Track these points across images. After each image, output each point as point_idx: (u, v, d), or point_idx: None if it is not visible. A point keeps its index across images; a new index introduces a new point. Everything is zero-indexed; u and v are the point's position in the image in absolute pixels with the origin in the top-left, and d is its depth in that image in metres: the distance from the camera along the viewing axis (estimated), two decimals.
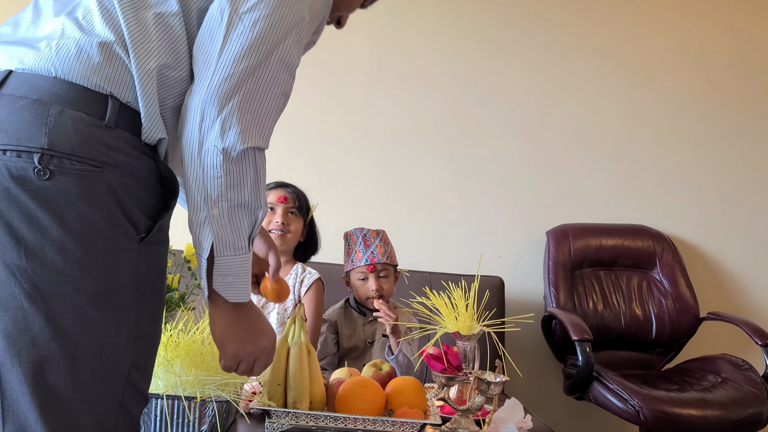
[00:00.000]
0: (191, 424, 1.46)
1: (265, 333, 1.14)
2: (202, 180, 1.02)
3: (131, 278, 1.00)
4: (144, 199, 1.02)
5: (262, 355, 1.14)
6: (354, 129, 3.06)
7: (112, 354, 0.98)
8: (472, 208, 3.09)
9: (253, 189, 1.04)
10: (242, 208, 1.04)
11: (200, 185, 1.02)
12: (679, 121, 3.21)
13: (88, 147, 0.96)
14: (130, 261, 1.00)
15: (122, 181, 0.99)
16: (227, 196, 1.02)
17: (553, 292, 2.91)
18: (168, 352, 1.46)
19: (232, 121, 1.00)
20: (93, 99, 0.99)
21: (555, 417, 2.97)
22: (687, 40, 3.22)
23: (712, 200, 3.22)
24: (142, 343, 1.02)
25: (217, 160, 1.00)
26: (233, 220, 1.04)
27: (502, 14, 3.13)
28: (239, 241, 1.04)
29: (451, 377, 1.79)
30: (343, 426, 1.56)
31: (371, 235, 2.29)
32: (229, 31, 1.01)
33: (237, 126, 1.00)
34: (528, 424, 1.70)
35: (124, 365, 1.00)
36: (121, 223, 0.98)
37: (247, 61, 1.01)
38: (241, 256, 1.05)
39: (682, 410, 2.43)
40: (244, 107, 1.01)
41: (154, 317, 1.05)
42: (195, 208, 1.04)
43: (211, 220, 1.02)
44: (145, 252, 1.01)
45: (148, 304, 1.03)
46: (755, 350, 2.72)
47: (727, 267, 3.22)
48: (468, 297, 1.84)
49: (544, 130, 3.14)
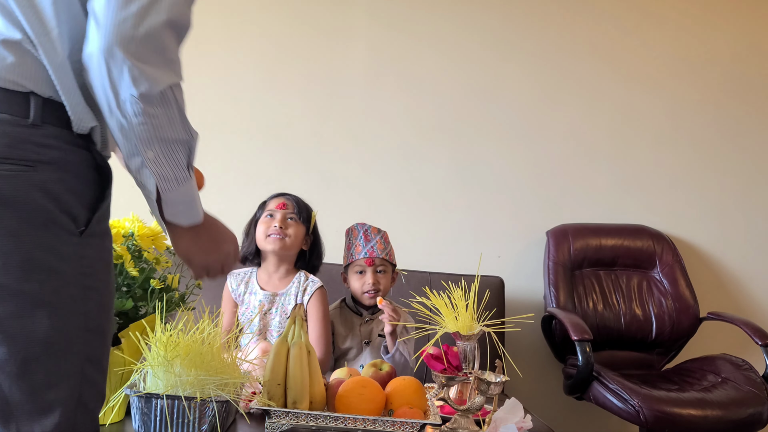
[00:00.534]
0: (191, 424, 1.46)
1: (225, 239, 1.20)
2: (129, 129, 1.00)
3: (76, 273, 0.99)
4: (82, 192, 1.01)
5: (227, 259, 1.20)
6: (354, 130, 3.06)
7: (65, 351, 0.98)
8: (472, 208, 3.09)
9: (180, 123, 1.04)
10: (175, 144, 1.04)
11: (129, 133, 1.01)
12: (678, 121, 3.21)
13: (17, 148, 0.95)
14: (73, 255, 0.99)
15: (57, 177, 0.98)
16: (158, 138, 1.02)
17: (553, 292, 2.91)
18: (168, 352, 1.46)
19: (141, 65, 0.96)
20: (14, 99, 0.97)
21: (555, 417, 2.97)
22: (687, 39, 3.22)
23: (712, 200, 3.22)
24: (93, 336, 1.02)
25: (137, 108, 0.98)
26: (170, 157, 1.05)
27: (501, 16, 3.13)
28: (180, 172, 1.06)
29: (451, 377, 1.79)
30: (343, 426, 1.56)
31: (372, 231, 2.31)
32: None
33: (147, 69, 0.97)
34: (528, 424, 1.70)
35: (78, 361, 1.00)
36: (59, 219, 0.97)
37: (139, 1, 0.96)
38: (184, 185, 1.08)
39: (682, 410, 2.43)
40: (148, 47, 0.97)
41: (104, 308, 1.05)
42: (129, 155, 1.04)
43: (148, 163, 1.03)
44: (87, 245, 1.01)
45: (97, 297, 1.03)
46: (755, 350, 2.72)
47: (727, 267, 3.22)
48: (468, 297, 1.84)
49: (544, 131, 3.14)
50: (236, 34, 3.00)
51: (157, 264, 1.77)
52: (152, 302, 1.71)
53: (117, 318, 1.66)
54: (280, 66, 3.00)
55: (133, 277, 1.69)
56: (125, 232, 1.74)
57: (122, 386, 1.55)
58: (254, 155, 2.99)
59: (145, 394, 1.47)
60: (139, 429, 1.48)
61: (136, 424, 1.49)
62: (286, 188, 2.64)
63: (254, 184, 2.95)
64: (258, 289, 2.29)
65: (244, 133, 2.99)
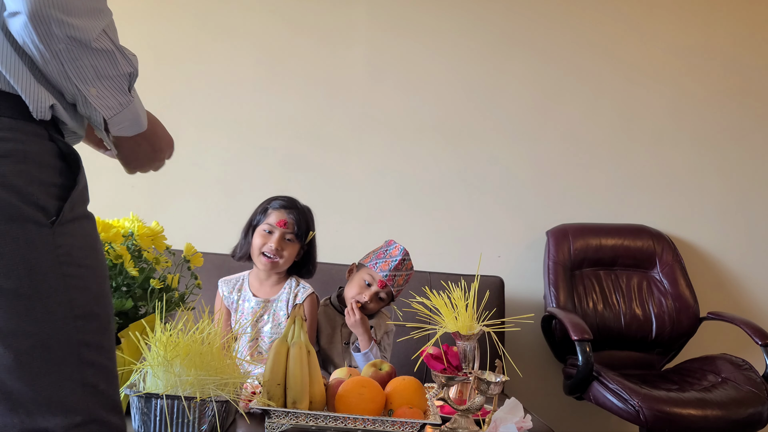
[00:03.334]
0: (191, 424, 1.46)
1: (164, 145, 1.22)
2: (66, 76, 0.98)
3: (52, 263, 0.98)
4: (47, 182, 0.99)
5: (162, 162, 1.24)
6: (354, 129, 3.06)
7: (56, 340, 0.98)
8: (472, 208, 3.09)
9: (120, 60, 1.02)
10: (117, 79, 1.03)
11: (67, 80, 0.99)
12: (679, 120, 3.21)
13: None
14: (46, 246, 0.98)
15: (17, 169, 0.95)
16: (99, 77, 1.01)
17: (553, 291, 2.91)
18: (168, 352, 1.46)
19: (66, 19, 0.93)
20: None
21: (555, 417, 2.97)
22: (687, 39, 3.21)
23: (712, 200, 3.22)
24: (85, 322, 1.01)
25: (72, 55, 0.97)
26: (111, 90, 1.04)
27: (501, 14, 3.13)
28: (123, 97, 1.05)
29: (451, 377, 1.79)
30: (342, 426, 1.56)
31: (407, 266, 2.30)
32: None
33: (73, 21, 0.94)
34: (528, 424, 1.69)
35: (71, 347, 1.00)
36: (26, 212, 0.96)
37: None
38: (128, 106, 1.07)
39: (682, 410, 2.43)
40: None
41: (93, 293, 1.04)
42: (71, 95, 1.02)
43: (91, 99, 1.02)
44: (61, 233, 0.99)
45: (80, 283, 1.02)
46: (755, 350, 2.72)
47: (727, 267, 3.22)
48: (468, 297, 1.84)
49: (544, 130, 3.14)
50: (237, 34, 3.00)
51: (157, 264, 1.77)
52: (152, 302, 1.71)
53: (117, 318, 1.66)
54: (281, 66, 3.00)
55: (133, 277, 1.69)
56: (125, 232, 1.74)
57: (122, 386, 1.55)
58: (255, 155, 2.99)
59: (145, 394, 1.47)
60: (139, 429, 1.48)
61: (135, 424, 1.49)
62: (286, 188, 2.64)
63: (255, 185, 2.95)
64: (251, 296, 2.30)
65: (245, 133, 2.99)
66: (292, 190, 2.45)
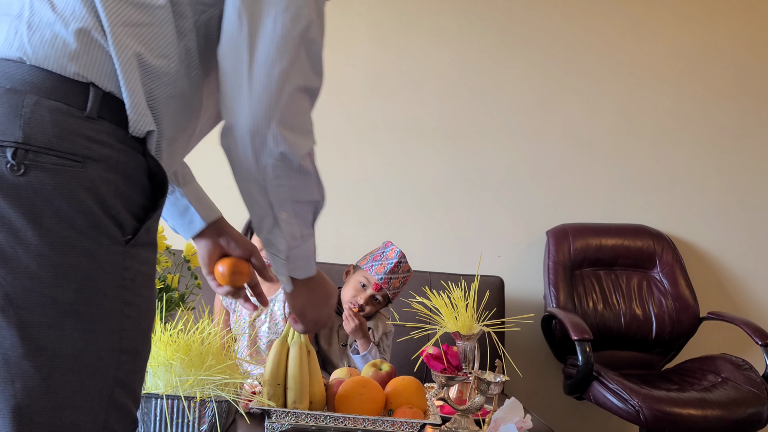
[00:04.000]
0: (191, 424, 1.46)
1: (332, 291, 1.24)
2: (264, 192, 1.02)
3: (115, 285, 0.91)
4: (131, 198, 0.93)
5: (332, 312, 1.27)
6: (354, 129, 3.05)
7: (93, 370, 0.89)
8: (472, 208, 3.09)
9: (315, 186, 1.06)
10: (306, 205, 1.07)
11: (264, 197, 1.03)
12: (679, 120, 3.21)
13: (68, 140, 0.87)
14: (114, 265, 0.90)
15: (106, 177, 0.89)
16: (292, 200, 1.04)
17: (553, 291, 2.91)
18: (168, 352, 1.46)
19: (284, 133, 0.97)
20: (72, 88, 0.89)
21: (555, 417, 2.97)
22: (687, 39, 3.21)
23: (712, 200, 3.22)
24: (128, 358, 0.93)
25: (277, 172, 1.00)
26: (300, 216, 1.07)
27: (501, 13, 3.12)
28: (306, 229, 1.09)
29: (451, 377, 1.79)
30: (343, 426, 1.56)
31: (403, 268, 2.29)
32: (252, 38, 0.96)
33: (289, 135, 0.98)
34: (528, 424, 1.69)
35: (106, 383, 0.91)
36: (103, 223, 0.89)
37: (279, 66, 0.96)
38: (308, 241, 1.10)
39: (682, 410, 2.43)
40: (289, 114, 0.98)
41: (142, 329, 0.96)
42: (261, 216, 1.05)
43: (280, 222, 1.05)
44: (130, 256, 0.93)
45: (134, 313, 0.94)
46: (755, 350, 2.72)
47: (727, 267, 3.22)
48: (468, 297, 1.84)
49: (544, 130, 3.14)
50: None
51: (157, 264, 1.77)
52: None
53: None
54: None
55: None
56: None
57: None
58: None
59: (145, 394, 1.47)
60: (139, 429, 1.48)
61: None
62: None
63: None
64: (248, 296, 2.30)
65: None
66: None
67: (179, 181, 1.23)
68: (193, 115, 1.04)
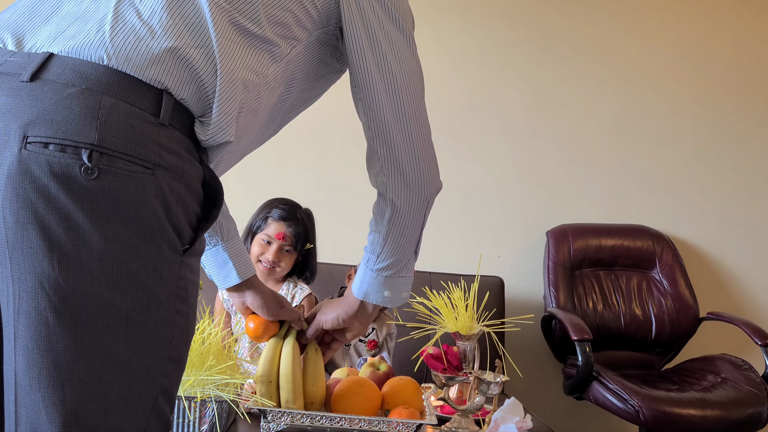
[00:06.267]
0: (191, 424, 1.46)
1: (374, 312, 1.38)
2: (418, 233, 1.23)
3: (170, 294, 0.90)
4: (190, 207, 0.92)
5: None
6: (354, 129, 3.05)
7: (141, 378, 0.89)
8: (472, 208, 3.09)
9: (422, 231, 1.28)
10: (414, 247, 1.29)
11: (415, 237, 1.24)
12: (678, 121, 3.21)
13: (141, 146, 0.86)
14: (172, 275, 0.90)
15: (172, 185, 0.89)
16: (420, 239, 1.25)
17: (553, 292, 2.91)
18: None
19: (436, 174, 1.20)
20: (147, 93, 0.89)
21: (555, 417, 2.97)
22: (686, 41, 3.22)
23: (712, 200, 3.22)
24: (174, 367, 0.93)
25: (427, 212, 1.22)
26: (411, 259, 1.29)
27: (500, 16, 3.13)
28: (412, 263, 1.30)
29: (451, 377, 1.79)
30: (338, 426, 1.55)
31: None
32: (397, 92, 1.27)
33: (438, 177, 1.20)
34: (528, 424, 1.70)
35: (152, 391, 0.90)
36: (167, 232, 0.88)
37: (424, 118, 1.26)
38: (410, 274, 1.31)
39: (681, 410, 2.43)
40: (433, 156, 1.20)
41: (187, 339, 0.96)
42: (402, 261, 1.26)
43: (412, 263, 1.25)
44: (186, 266, 0.93)
45: (184, 323, 0.94)
46: (755, 350, 2.72)
47: (727, 267, 3.22)
48: (468, 297, 1.85)
49: (543, 130, 3.14)
50: None
51: None
52: None
53: None
54: None
55: None
56: None
57: None
58: (255, 155, 2.98)
59: None
60: None
61: None
62: (287, 188, 2.64)
63: (255, 185, 2.95)
64: None
65: None
66: (293, 191, 2.45)
67: (223, 236, 1.30)
68: (255, 129, 1.10)
